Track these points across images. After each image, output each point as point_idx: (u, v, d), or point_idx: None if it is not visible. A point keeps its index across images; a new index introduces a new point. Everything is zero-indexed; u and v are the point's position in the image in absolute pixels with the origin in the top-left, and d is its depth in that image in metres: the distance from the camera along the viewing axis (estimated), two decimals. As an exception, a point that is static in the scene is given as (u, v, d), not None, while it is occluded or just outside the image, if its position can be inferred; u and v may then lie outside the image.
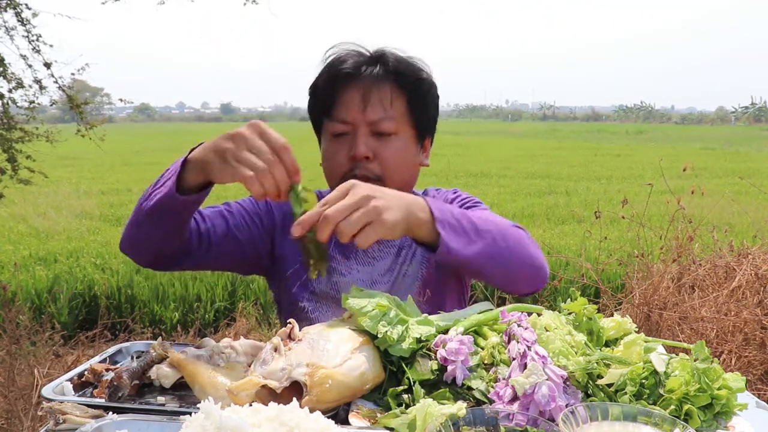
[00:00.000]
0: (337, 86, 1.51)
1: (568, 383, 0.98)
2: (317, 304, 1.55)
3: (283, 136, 1.17)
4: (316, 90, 1.56)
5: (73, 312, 4.96)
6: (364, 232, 1.10)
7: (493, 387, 0.99)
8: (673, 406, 0.95)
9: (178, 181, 1.24)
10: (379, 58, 1.53)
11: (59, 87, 4.68)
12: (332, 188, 1.48)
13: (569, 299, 1.20)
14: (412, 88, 1.53)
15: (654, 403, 0.97)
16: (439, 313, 1.20)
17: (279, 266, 1.60)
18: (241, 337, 1.26)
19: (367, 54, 1.54)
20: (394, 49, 1.56)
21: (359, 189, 1.13)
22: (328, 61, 1.54)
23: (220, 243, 1.48)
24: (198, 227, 1.44)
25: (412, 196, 1.23)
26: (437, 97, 1.60)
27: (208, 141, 1.23)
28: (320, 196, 1.64)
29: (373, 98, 1.49)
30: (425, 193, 1.68)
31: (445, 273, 1.59)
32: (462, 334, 1.06)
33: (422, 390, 1.00)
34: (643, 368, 1.00)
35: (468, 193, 1.70)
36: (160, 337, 1.18)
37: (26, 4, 4.47)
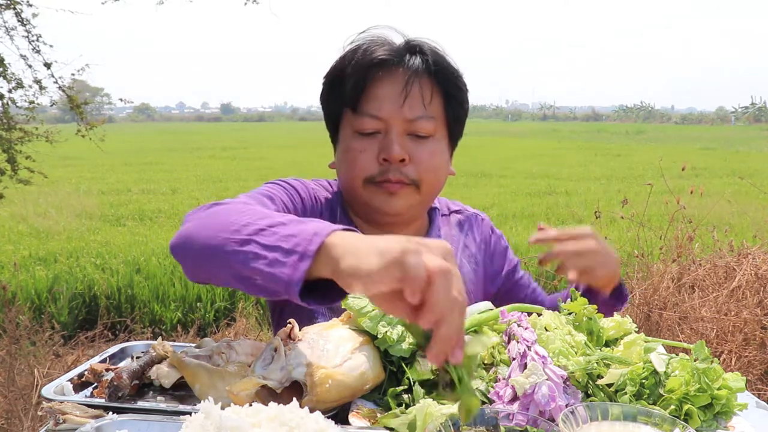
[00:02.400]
0: (369, 75, 1.32)
1: (568, 383, 0.98)
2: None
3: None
4: (338, 77, 1.36)
5: (73, 312, 4.96)
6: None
7: (493, 387, 0.99)
8: (673, 406, 0.95)
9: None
10: (417, 48, 1.35)
11: (59, 87, 4.69)
12: (351, 191, 1.39)
13: (569, 299, 1.20)
14: (450, 86, 1.37)
15: (654, 403, 0.97)
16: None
17: None
18: (241, 337, 1.26)
19: (403, 41, 1.36)
20: (430, 41, 1.38)
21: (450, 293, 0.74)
22: (356, 45, 1.35)
23: None
24: None
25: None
26: (468, 102, 1.44)
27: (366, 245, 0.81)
28: (329, 188, 1.49)
29: (413, 93, 1.32)
30: (456, 213, 1.60)
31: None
32: (462, 334, 1.06)
33: (422, 390, 1.00)
34: (643, 368, 1.00)
35: (470, 206, 1.65)
36: (160, 337, 1.18)
37: (27, 2, 4.47)
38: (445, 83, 1.36)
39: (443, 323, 0.73)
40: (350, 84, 1.33)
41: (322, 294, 0.89)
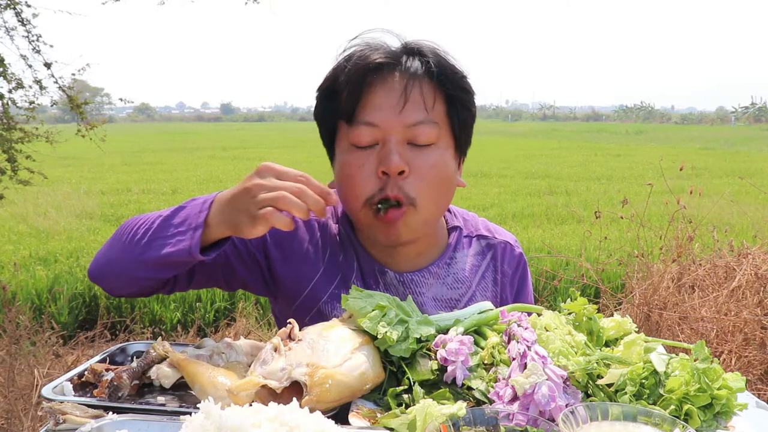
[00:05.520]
0: (365, 81, 1.22)
1: (568, 383, 0.98)
2: None
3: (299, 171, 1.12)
4: (332, 88, 1.27)
5: (73, 312, 4.96)
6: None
7: (493, 387, 0.99)
8: (673, 406, 0.95)
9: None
10: (416, 50, 1.26)
11: (59, 87, 4.68)
12: (352, 214, 1.32)
13: (569, 299, 1.20)
14: (454, 88, 1.27)
15: (654, 403, 0.97)
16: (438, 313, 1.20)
17: (282, 288, 1.40)
18: (241, 337, 1.26)
19: (401, 44, 1.28)
20: (430, 42, 1.30)
21: None
22: (350, 51, 1.26)
23: (202, 275, 1.34)
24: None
25: None
26: (475, 106, 1.33)
27: (224, 194, 1.15)
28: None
29: (413, 96, 1.22)
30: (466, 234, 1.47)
31: None
32: (462, 334, 1.07)
33: (422, 390, 1.00)
34: (643, 368, 1.00)
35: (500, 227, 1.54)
36: (160, 337, 1.18)
37: (26, 2, 4.47)
38: (449, 86, 1.26)
39: (275, 200, 1.08)
40: (344, 93, 1.24)
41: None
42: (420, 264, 1.39)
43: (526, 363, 0.97)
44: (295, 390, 0.95)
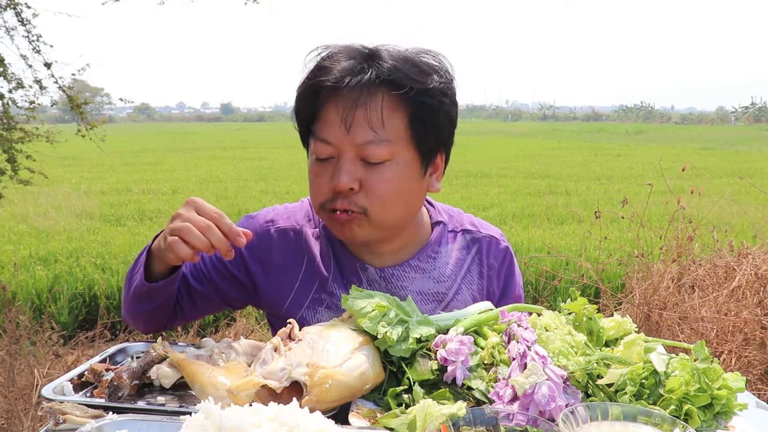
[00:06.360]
0: (318, 99, 1.25)
1: (568, 383, 0.98)
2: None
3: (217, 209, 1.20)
4: (298, 98, 1.31)
5: (73, 312, 4.95)
6: None
7: (493, 387, 0.99)
8: (673, 406, 0.95)
9: (150, 269, 1.29)
10: (372, 60, 1.23)
11: (59, 87, 4.68)
12: (316, 214, 1.36)
13: (569, 299, 1.20)
14: (414, 101, 1.22)
15: (654, 403, 0.97)
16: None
17: (268, 303, 1.46)
18: (241, 337, 1.26)
19: (359, 55, 1.24)
20: (396, 47, 1.26)
21: None
22: (310, 65, 1.27)
23: (202, 300, 1.45)
24: (180, 294, 1.44)
25: None
26: (453, 106, 1.29)
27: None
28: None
29: (357, 117, 1.20)
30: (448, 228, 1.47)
31: None
32: (462, 334, 1.07)
33: (422, 390, 1.00)
34: (643, 368, 1.00)
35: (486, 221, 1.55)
36: (160, 337, 1.18)
37: (26, 3, 4.47)
38: (407, 98, 1.21)
39: (180, 230, 1.16)
40: (304, 108, 1.28)
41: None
42: (400, 259, 1.41)
43: (526, 363, 0.97)
44: (295, 390, 0.95)
